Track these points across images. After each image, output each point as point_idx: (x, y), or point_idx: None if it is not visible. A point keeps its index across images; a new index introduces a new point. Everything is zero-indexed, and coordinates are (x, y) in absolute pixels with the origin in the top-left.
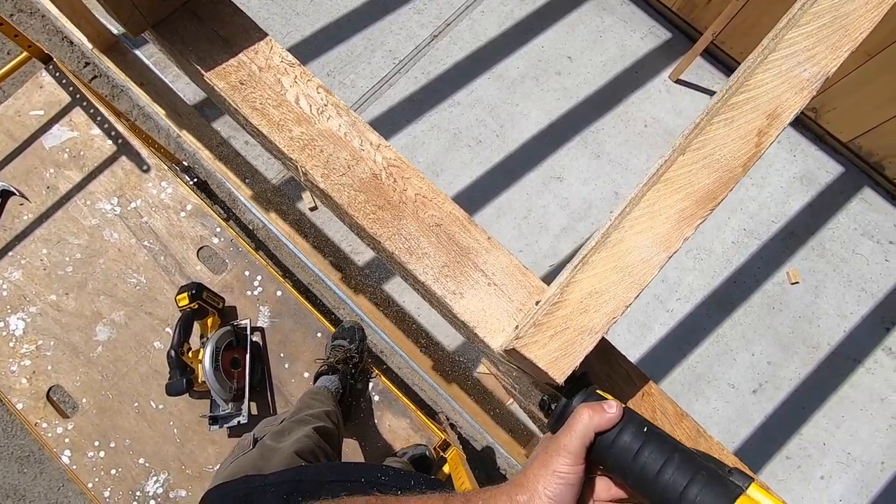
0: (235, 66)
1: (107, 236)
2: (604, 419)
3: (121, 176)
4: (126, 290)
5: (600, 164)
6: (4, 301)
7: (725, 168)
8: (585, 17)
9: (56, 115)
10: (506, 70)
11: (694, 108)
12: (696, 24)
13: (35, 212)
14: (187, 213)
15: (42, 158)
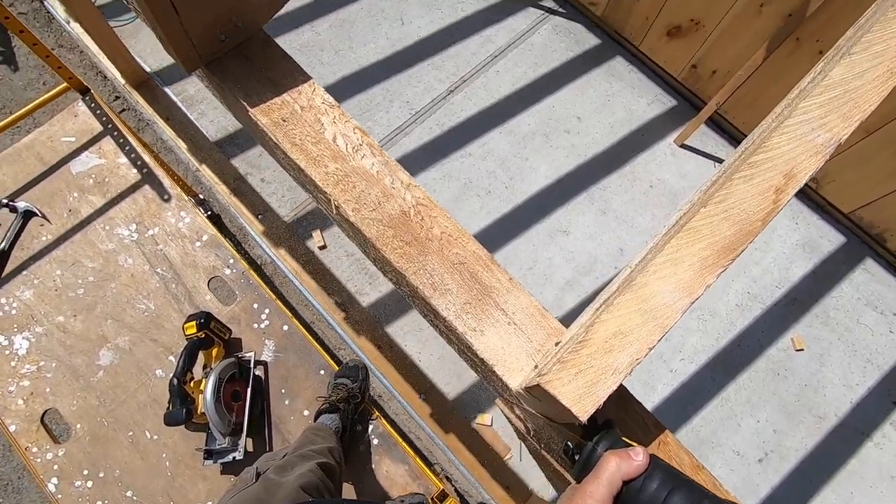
0: (279, 105)
1: (121, 261)
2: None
3: (142, 203)
4: (134, 315)
5: (606, 220)
6: (12, 319)
7: (745, 221)
8: (595, 82)
9: (86, 143)
10: (517, 126)
11: (698, 173)
12: (701, 94)
13: (54, 233)
14: (202, 243)
15: (68, 182)
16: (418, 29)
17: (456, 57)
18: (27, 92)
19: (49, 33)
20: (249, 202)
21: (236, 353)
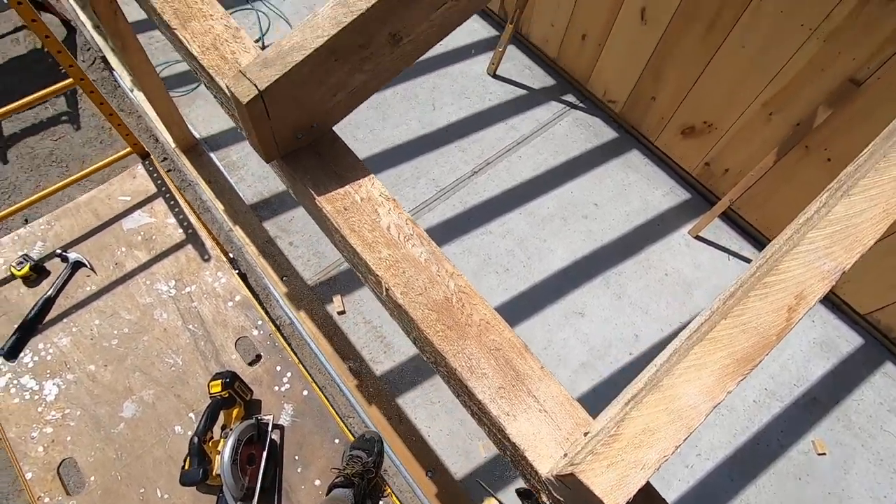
0: (342, 195)
1: (156, 315)
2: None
3: (183, 262)
4: (161, 369)
5: (621, 305)
6: (46, 365)
7: (762, 335)
8: (612, 172)
9: (140, 203)
10: (537, 208)
11: (712, 264)
12: (714, 190)
13: (98, 284)
14: (235, 303)
15: (118, 238)
16: (448, 114)
17: (481, 141)
18: (84, 149)
19: (113, 99)
20: (276, 264)
21: (256, 416)
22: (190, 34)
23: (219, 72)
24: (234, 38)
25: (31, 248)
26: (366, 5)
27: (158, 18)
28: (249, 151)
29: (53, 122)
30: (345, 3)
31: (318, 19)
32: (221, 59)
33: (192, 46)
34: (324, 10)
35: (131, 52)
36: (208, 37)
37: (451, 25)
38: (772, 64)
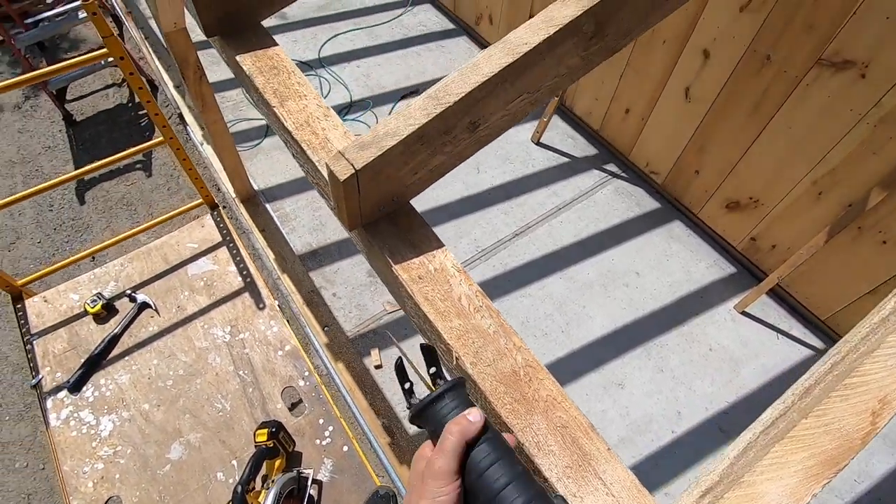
0: (417, 265)
1: (210, 359)
2: (470, 430)
3: (239, 308)
4: (210, 413)
5: (663, 378)
6: (105, 400)
7: (846, 437)
8: (654, 241)
9: (206, 250)
10: (577, 273)
11: (759, 342)
12: (760, 265)
13: (160, 325)
14: (284, 352)
15: (182, 282)
16: (492, 178)
17: (523, 205)
18: (153, 194)
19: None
20: (319, 314)
21: (297, 468)
22: (286, 112)
23: (310, 146)
24: (325, 117)
25: (104, 286)
26: (453, 99)
27: (258, 96)
28: (303, 205)
29: (128, 168)
30: (435, 97)
31: (410, 109)
32: (313, 134)
33: (287, 122)
34: (416, 102)
35: (209, 112)
36: (302, 115)
37: (524, 113)
38: (821, 145)
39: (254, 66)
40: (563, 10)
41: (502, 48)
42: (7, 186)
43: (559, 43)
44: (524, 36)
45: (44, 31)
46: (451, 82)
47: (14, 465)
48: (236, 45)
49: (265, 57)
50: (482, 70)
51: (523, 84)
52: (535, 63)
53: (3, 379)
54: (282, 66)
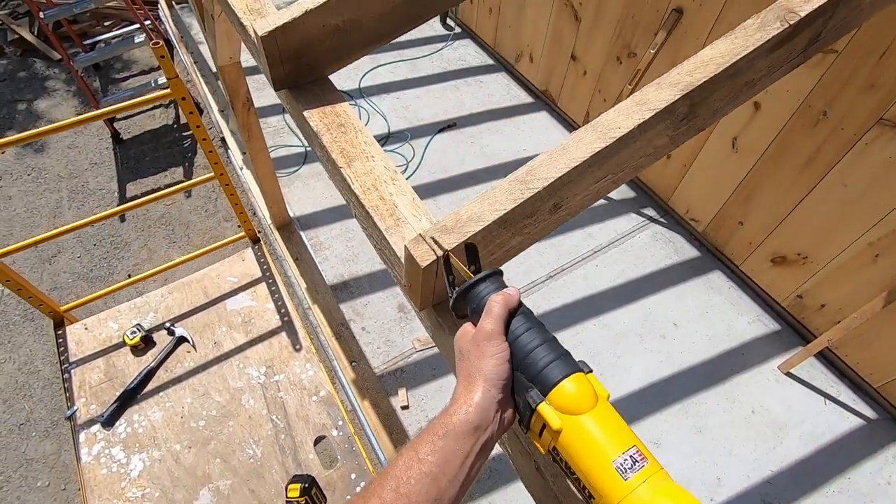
0: None
1: (244, 401)
2: (512, 300)
3: (276, 349)
4: (241, 459)
5: (702, 440)
6: (137, 438)
7: None
8: (693, 291)
9: (245, 285)
10: (612, 321)
11: (807, 407)
12: (807, 324)
13: (196, 361)
14: (319, 398)
15: (220, 317)
16: None
17: (559, 246)
18: (191, 215)
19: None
20: (347, 348)
21: None
22: (353, 173)
23: (377, 212)
24: (392, 181)
25: (144, 317)
26: (541, 185)
27: (325, 154)
28: (336, 234)
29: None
30: (522, 181)
31: (496, 193)
32: (381, 199)
33: (354, 185)
34: (502, 185)
35: (254, 141)
36: (369, 177)
37: (605, 192)
38: (879, 205)
39: (321, 122)
40: (658, 93)
41: (593, 132)
42: (54, 200)
43: (651, 126)
44: (616, 120)
45: (100, 53)
46: (538, 166)
47: (36, 484)
48: (304, 99)
49: (332, 113)
50: (572, 154)
51: (610, 166)
52: (626, 146)
53: (33, 394)
54: (349, 123)
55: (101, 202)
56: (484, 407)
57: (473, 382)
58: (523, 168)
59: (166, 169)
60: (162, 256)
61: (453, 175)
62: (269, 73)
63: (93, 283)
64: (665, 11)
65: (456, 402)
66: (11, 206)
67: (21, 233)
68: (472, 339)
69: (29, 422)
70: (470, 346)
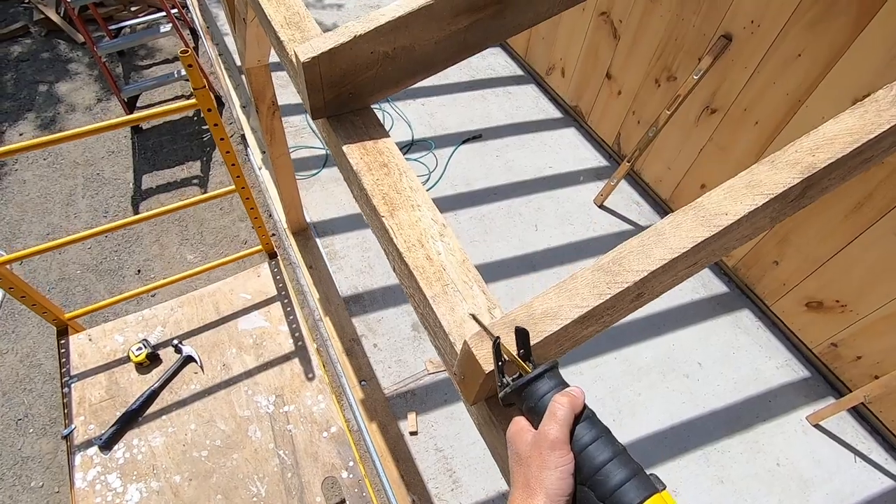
0: None
1: (250, 432)
2: (577, 403)
3: (287, 376)
4: (244, 497)
5: (723, 492)
6: (136, 465)
7: None
8: (720, 330)
9: (258, 303)
10: (634, 356)
11: (836, 463)
12: (840, 375)
13: (203, 384)
14: (330, 434)
15: (231, 336)
16: (549, 238)
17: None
18: (205, 213)
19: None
20: (357, 365)
21: None
22: (397, 225)
23: (424, 275)
24: (441, 236)
25: (151, 331)
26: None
27: (364, 197)
28: (353, 244)
29: (185, 183)
30: (609, 272)
31: (577, 284)
32: (427, 260)
33: (397, 239)
34: (584, 275)
35: (277, 146)
36: (415, 231)
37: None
38: None
39: (362, 160)
40: (773, 175)
41: (695, 217)
42: (68, 187)
43: (760, 212)
44: (723, 204)
45: (124, 41)
46: (627, 254)
47: (30, 484)
48: (344, 131)
49: (375, 150)
50: (669, 243)
51: (706, 254)
52: (730, 232)
53: (33, 388)
54: (393, 163)
55: (115, 192)
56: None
57: (533, 496)
58: (609, 255)
59: (184, 162)
60: (173, 254)
61: (476, 189)
62: (308, 100)
63: (101, 276)
64: (712, 37)
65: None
66: (26, 189)
67: (33, 218)
68: (534, 443)
69: (27, 417)
70: (530, 452)
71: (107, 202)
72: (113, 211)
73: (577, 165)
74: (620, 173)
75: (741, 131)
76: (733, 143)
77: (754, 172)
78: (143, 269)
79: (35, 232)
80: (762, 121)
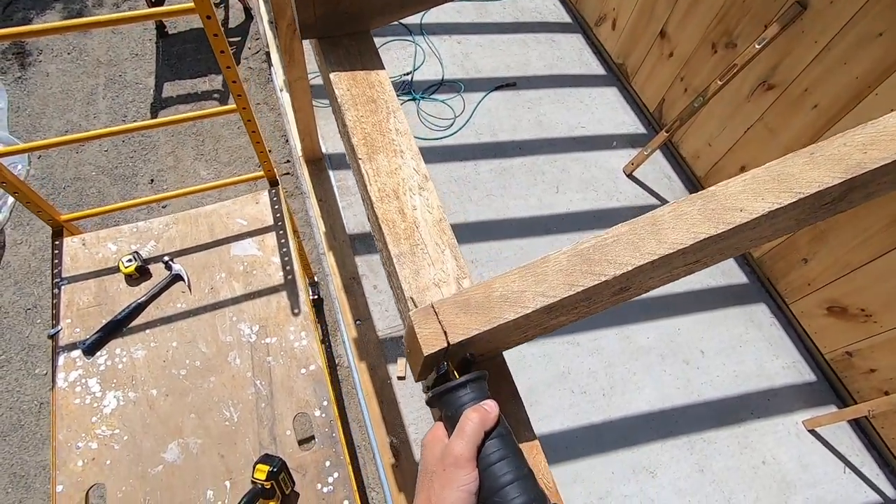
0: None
1: (230, 358)
2: (488, 419)
3: (273, 308)
4: (216, 419)
5: (702, 480)
6: (116, 373)
7: None
8: (730, 321)
9: (253, 231)
10: (635, 334)
11: (823, 470)
12: (849, 385)
13: (189, 304)
14: (308, 372)
15: (222, 261)
16: (569, 202)
17: None
18: (222, 129)
19: (262, 91)
20: (355, 304)
21: None
22: (373, 170)
23: (392, 229)
24: (420, 189)
25: (144, 244)
26: (614, 272)
27: (345, 135)
28: None
29: (206, 96)
30: (588, 260)
31: (547, 269)
32: (399, 213)
33: (371, 186)
34: (557, 259)
35: (295, 68)
36: (392, 179)
37: (687, 275)
38: None
39: (349, 92)
40: (810, 171)
41: (702, 210)
42: (90, 86)
43: (786, 212)
44: (741, 198)
45: None
46: (614, 241)
47: (34, 371)
48: (335, 56)
49: (365, 83)
50: (665, 237)
51: (710, 252)
52: (742, 232)
53: (43, 281)
54: (381, 100)
55: (136, 97)
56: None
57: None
58: (592, 240)
59: (206, 74)
60: (188, 167)
61: (501, 141)
62: (297, 13)
63: (115, 180)
64: (785, 2)
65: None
66: (48, 83)
67: (54, 113)
68: (440, 457)
69: (35, 308)
70: (435, 467)
71: (126, 106)
72: (132, 116)
73: (613, 129)
74: (656, 143)
75: (796, 114)
76: (784, 126)
77: (787, 163)
78: (157, 178)
79: (55, 127)
80: (822, 105)
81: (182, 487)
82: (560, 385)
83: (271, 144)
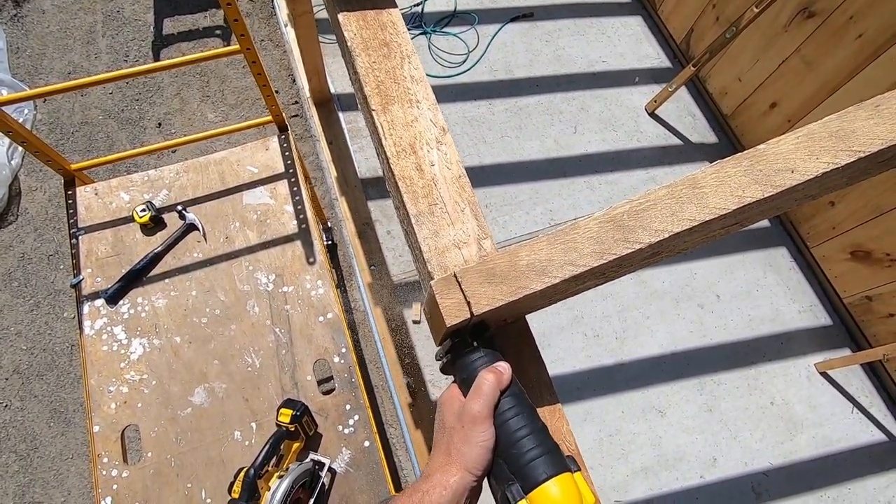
0: None
1: (248, 307)
2: (503, 379)
3: (289, 257)
4: (238, 366)
5: (710, 419)
6: (139, 321)
7: None
8: (748, 264)
9: (265, 179)
10: (650, 278)
11: (831, 410)
12: (865, 329)
13: (206, 253)
14: (325, 320)
15: (235, 209)
16: (587, 143)
17: (614, 184)
18: (227, 69)
19: (266, 27)
20: (368, 249)
21: (314, 457)
22: (388, 122)
23: (409, 187)
24: (438, 143)
25: (157, 193)
26: (649, 239)
27: (357, 83)
28: None
29: (208, 33)
30: (622, 226)
31: (577, 235)
32: (417, 170)
33: (386, 140)
34: (588, 224)
35: (299, 3)
36: (408, 132)
37: (714, 239)
38: None
39: (359, 35)
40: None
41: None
42: (88, 23)
43: (842, 172)
44: (793, 158)
45: None
46: (650, 206)
47: (62, 314)
48: None
49: (377, 24)
50: (706, 202)
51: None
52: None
53: (61, 228)
54: (395, 43)
55: (136, 35)
56: (459, 493)
57: (452, 464)
58: (623, 205)
59: (207, 9)
60: (194, 110)
61: (517, 78)
62: None
63: (123, 124)
64: None
65: (430, 479)
66: (45, 21)
67: (54, 54)
68: (458, 415)
69: (57, 254)
70: (454, 423)
71: (127, 45)
72: (133, 55)
73: (635, 63)
74: (682, 78)
75: (838, 45)
76: (823, 59)
77: (848, 118)
78: (164, 122)
79: (57, 69)
80: (868, 34)
81: (210, 429)
82: (573, 329)
83: (278, 85)
